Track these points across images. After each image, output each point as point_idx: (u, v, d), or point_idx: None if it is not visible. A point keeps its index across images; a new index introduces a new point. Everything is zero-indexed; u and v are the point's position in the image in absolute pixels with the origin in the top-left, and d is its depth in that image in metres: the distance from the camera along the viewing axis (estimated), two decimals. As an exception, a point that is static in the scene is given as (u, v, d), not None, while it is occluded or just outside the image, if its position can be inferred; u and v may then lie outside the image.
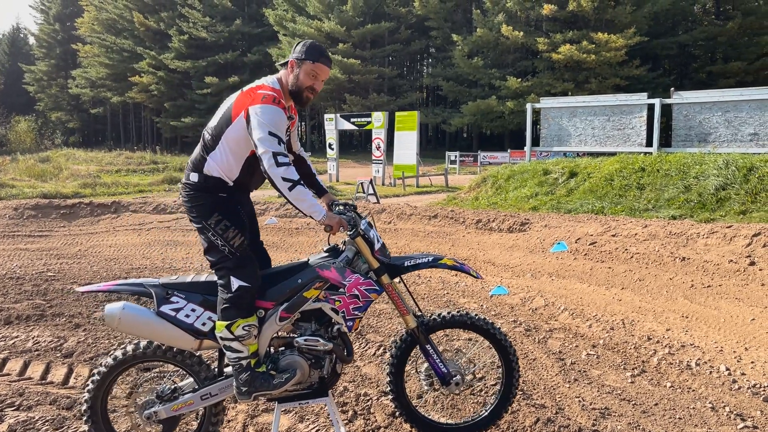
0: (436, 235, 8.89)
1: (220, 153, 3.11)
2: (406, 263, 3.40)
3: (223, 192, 3.15)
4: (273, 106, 3.02)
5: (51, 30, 71.64)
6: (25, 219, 11.01)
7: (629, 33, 37.08)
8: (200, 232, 3.18)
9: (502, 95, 41.26)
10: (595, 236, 7.52)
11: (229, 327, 3.06)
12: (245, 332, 3.08)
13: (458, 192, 16.75)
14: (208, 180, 3.13)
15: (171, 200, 12.31)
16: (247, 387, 3.13)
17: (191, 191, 3.17)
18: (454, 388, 3.47)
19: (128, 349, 3.23)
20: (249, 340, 3.12)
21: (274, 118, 2.98)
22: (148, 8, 58.14)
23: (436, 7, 45.18)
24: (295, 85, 3.21)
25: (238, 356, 3.12)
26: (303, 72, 3.20)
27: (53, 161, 36.42)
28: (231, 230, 3.11)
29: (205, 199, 3.14)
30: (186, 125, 55.88)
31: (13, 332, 5.69)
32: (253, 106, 3.02)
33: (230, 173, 3.14)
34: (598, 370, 4.52)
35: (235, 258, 3.10)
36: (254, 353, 3.16)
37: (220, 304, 3.09)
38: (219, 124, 3.15)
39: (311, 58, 3.20)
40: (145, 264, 8.41)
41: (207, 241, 3.15)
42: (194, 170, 3.17)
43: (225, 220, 3.11)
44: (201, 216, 3.13)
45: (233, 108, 3.12)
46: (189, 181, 3.17)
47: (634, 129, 15.12)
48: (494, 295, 6.39)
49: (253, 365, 3.15)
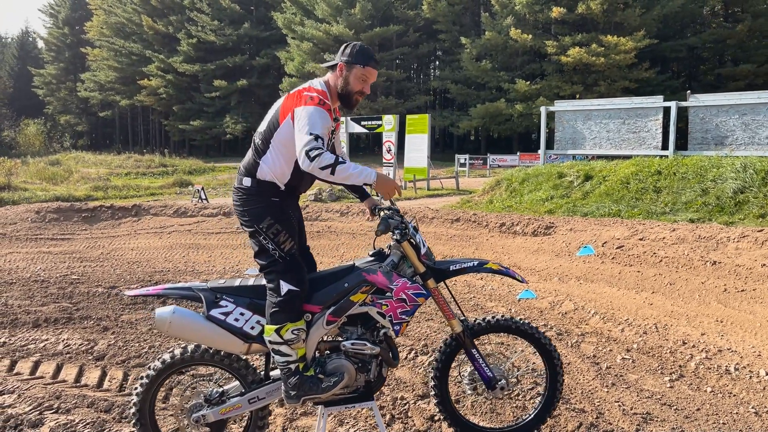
0: (459, 238, 8.88)
1: (271, 157, 3.13)
2: (452, 267, 3.39)
3: (276, 197, 3.16)
4: (317, 107, 3.02)
5: (60, 34, 72.00)
6: (47, 222, 11.05)
7: (638, 36, 37.00)
8: (251, 236, 3.19)
9: (511, 98, 41.21)
10: (622, 240, 7.49)
11: (279, 331, 3.06)
12: (294, 336, 3.08)
13: (471, 195, 16.73)
14: (261, 185, 3.14)
15: (191, 203, 12.39)
16: (296, 391, 3.13)
17: (244, 196, 3.18)
18: (499, 392, 3.46)
19: (176, 353, 3.22)
20: (298, 344, 3.12)
21: (316, 118, 2.97)
22: (156, 12, 58.38)
23: (445, 10, 45.20)
24: (344, 89, 3.21)
25: (287, 360, 3.11)
26: (353, 76, 3.20)
27: (63, 164, 36.61)
28: (282, 234, 3.12)
29: (257, 204, 3.14)
30: (194, 128, 56.03)
31: (42, 335, 5.70)
32: (298, 107, 3.02)
33: (282, 177, 3.15)
34: (635, 375, 4.50)
35: (284, 262, 3.11)
36: (302, 357, 3.16)
37: (270, 307, 3.09)
38: (268, 128, 3.16)
39: (361, 62, 3.19)
40: (168, 267, 8.42)
41: (258, 245, 3.16)
42: (247, 175, 3.18)
43: (277, 224, 3.12)
44: (253, 220, 3.14)
45: (280, 111, 3.13)
46: (242, 185, 3.18)
47: (649, 132, 15.07)
48: (522, 299, 6.37)
49: (301, 369, 3.15)
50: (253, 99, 56.49)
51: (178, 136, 60.93)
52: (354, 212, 11.16)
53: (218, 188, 25.80)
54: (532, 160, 29.85)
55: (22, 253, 9.35)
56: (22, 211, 11.61)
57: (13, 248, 9.73)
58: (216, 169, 39.14)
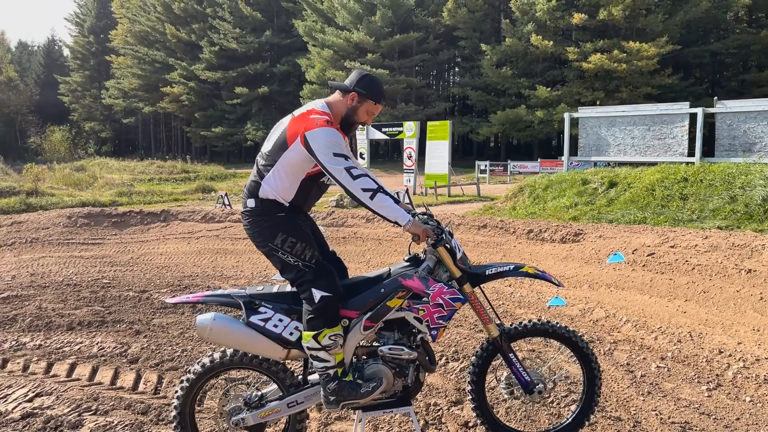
0: (486, 245, 8.86)
1: (274, 177, 3.15)
2: (488, 272, 3.39)
3: (281, 212, 3.18)
4: (329, 128, 3.06)
5: (85, 42, 73.23)
6: (78, 227, 11.24)
7: (661, 41, 36.67)
8: (269, 255, 3.22)
9: (531, 104, 41.05)
10: (652, 247, 7.42)
11: (316, 337, 3.08)
12: (332, 342, 3.10)
13: (494, 202, 16.67)
14: (264, 203, 3.17)
15: (218, 209, 12.51)
16: (335, 396, 3.15)
17: (250, 217, 3.22)
18: (536, 396, 3.45)
19: (216, 357, 3.26)
20: (335, 350, 3.14)
21: (333, 139, 3.03)
22: (180, 20, 59.14)
23: (465, 17, 45.20)
24: (351, 117, 3.25)
25: (325, 366, 3.14)
26: (363, 109, 3.24)
27: (88, 170, 37.17)
28: (298, 245, 3.14)
29: (265, 222, 3.17)
30: (216, 135, 56.58)
31: (76, 338, 5.79)
32: (310, 131, 3.04)
33: (285, 195, 3.17)
34: (671, 383, 4.45)
35: (311, 270, 3.13)
36: (340, 362, 3.18)
37: (306, 315, 3.12)
38: (273, 150, 3.18)
39: (374, 99, 3.24)
40: (197, 272, 8.51)
41: (279, 263, 3.19)
42: (250, 196, 3.22)
43: (290, 237, 3.14)
44: (265, 239, 3.17)
45: (287, 133, 3.15)
46: (247, 208, 3.23)
47: (675, 139, 14.91)
48: (552, 306, 6.34)
49: (340, 374, 3.17)
50: (273, 106, 56.94)
51: (199, 143, 61.57)
52: (379, 218, 11.17)
53: (240, 194, 25.98)
54: (553, 166, 29.69)
55: (54, 257, 9.52)
56: (54, 216, 11.82)
57: (46, 252, 9.91)
58: (237, 175, 39.48)
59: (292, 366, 4.60)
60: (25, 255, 9.81)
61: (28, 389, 4.53)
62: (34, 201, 19.85)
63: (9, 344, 5.56)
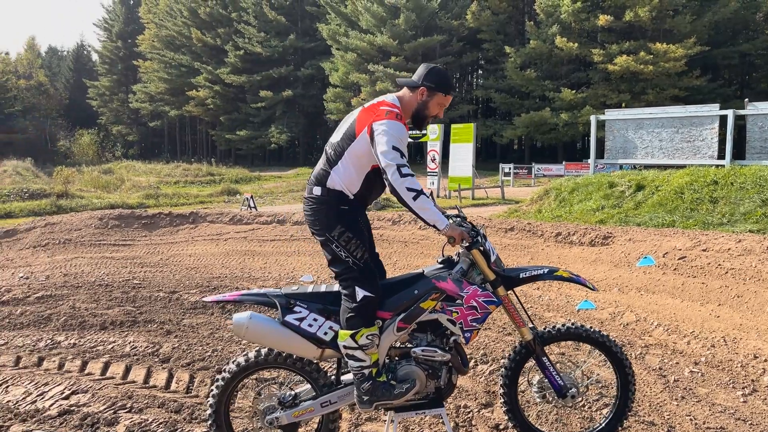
0: (514, 248, 8.82)
1: (342, 167, 3.18)
2: (522, 275, 3.38)
3: (344, 205, 3.21)
4: (396, 121, 3.09)
5: (113, 47, 74.46)
6: (109, 228, 11.46)
7: (689, 43, 36.16)
8: (323, 245, 3.25)
9: (556, 107, 40.75)
10: (684, 251, 7.33)
11: (354, 336, 3.11)
12: (368, 341, 3.12)
13: (519, 204, 16.58)
14: (331, 193, 3.20)
15: (244, 211, 12.63)
16: (369, 396, 3.17)
17: (314, 204, 3.24)
18: (569, 400, 3.44)
19: (251, 356, 3.30)
20: (371, 350, 3.16)
21: (397, 133, 3.05)
22: (205, 25, 59.85)
23: (489, 20, 45.05)
24: (422, 112, 3.27)
25: (360, 365, 3.15)
26: (434, 101, 3.25)
27: (115, 173, 37.78)
28: (353, 242, 3.17)
29: (327, 212, 3.20)
30: (240, 138, 57.10)
31: (109, 337, 5.89)
32: (378, 122, 3.08)
33: (351, 187, 3.20)
34: (705, 389, 4.39)
35: (358, 269, 3.16)
36: (375, 362, 3.20)
37: (345, 313, 3.15)
38: (342, 140, 3.22)
39: (444, 91, 3.25)
40: (225, 273, 8.61)
41: (331, 253, 3.21)
42: (317, 184, 3.24)
43: (348, 232, 3.16)
44: (324, 228, 3.19)
45: (356, 124, 3.19)
46: (312, 195, 3.25)
47: (705, 141, 14.70)
48: (581, 310, 6.29)
49: (374, 375, 3.18)
50: (297, 109, 57.31)
51: (224, 146, 62.18)
52: (406, 220, 11.19)
53: (265, 197, 26.21)
54: (578, 169, 29.43)
55: (86, 258, 9.70)
56: (86, 217, 12.05)
57: (78, 253, 10.10)
58: (261, 178, 39.79)
59: (326, 366, 4.63)
60: (58, 256, 10.01)
61: (64, 387, 4.62)
62: (64, 203, 20.23)
63: (44, 343, 5.68)
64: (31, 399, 4.41)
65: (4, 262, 9.71)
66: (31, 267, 9.31)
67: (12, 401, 4.35)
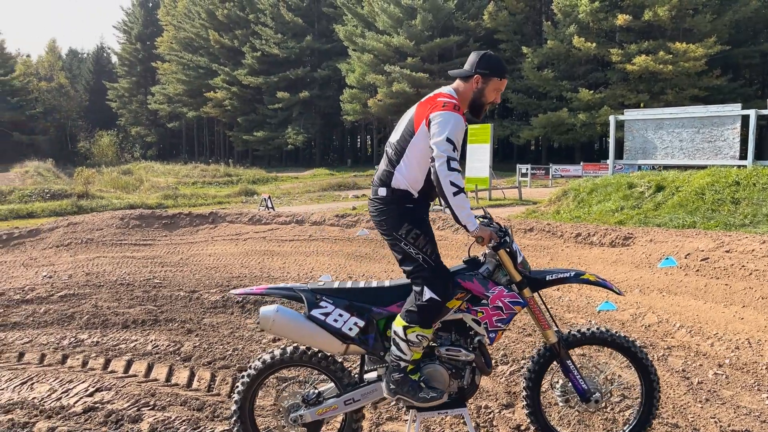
0: (533, 248, 8.78)
1: (405, 165, 3.19)
2: (548, 277, 3.37)
3: (410, 203, 3.22)
4: (454, 113, 3.08)
5: (132, 49, 75.29)
6: (130, 228, 11.59)
7: (709, 42, 35.72)
8: (392, 245, 3.25)
9: (573, 107, 40.46)
10: (706, 252, 7.24)
11: (405, 329, 3.11)
12: (417, 340, 3.13)
13: (537, 205, 16.48)
14: (396, 193, 3.21)
15: (263, 211, 12.71)
16: (396, 387, 3.17)
17: (380, 205, 3.25)
18: (593, 405, 3.41)
19: (276, 354, 3.32)
20: (416, 349, 3.15)
21: (453, 124, 3.04)
22: (223, 26, 60.29)
23: (506, 20, 44.87)
24: (479, 100, 3.26)
25: (400, 357, 3.16)
26: (490, 88, 3.24)
27: (134, 174, 38.19)
28: (422, 238, 3.16)
29: (393, 212, 3.20)
30: (257, 139, 57.43)
31: (131, 336, 5.95)
32: (434, 112, 3.08)
33: (416, 184, 3.20)
34: (729, 391, 4.34)
35: (430, 268, 3.14)
36: (415, 361, 3.20)
37: (409, 304, 3.15)
38: (402, 137, 3.23)
39: (498, 75, 3.24)
40: (244, 273, 8.67)
41: (400, 252, 3.21)
42: (382, 185, 3.25)
43: (415, 229, 3.17)
44: (391, 227, 3.20)
45: (414, 119, 3.20)
46: (377, 196, 3.26)
47: (726, 141, 14.52)
48: (602, 311, 6.24)
49: (408, 370, 3.18)
50: (314, 110, 57.50)
51: (241, 147, 62.57)
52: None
53: (282, 197, 26.35)
54: (596, 170, 29.17)
55: (108, 257, 9.82)
56: (108, 217, 12.20)
57: (100, 253, 10.23)
58: (278, 178, 39.98)
59: (349, 365, 4.64)
60: (80, 255, 10.14)
61: (88, 384, 4.68)
62: (85, 203, 20.50)
63: (68, 341, 5.75)
64: (56, 396, 4.47)
65: (27, 262, 9.86)
66: (54, 266, 9.44)
67: (37, 398, 4.42)
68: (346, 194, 27.08)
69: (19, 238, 11.27)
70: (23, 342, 5.76)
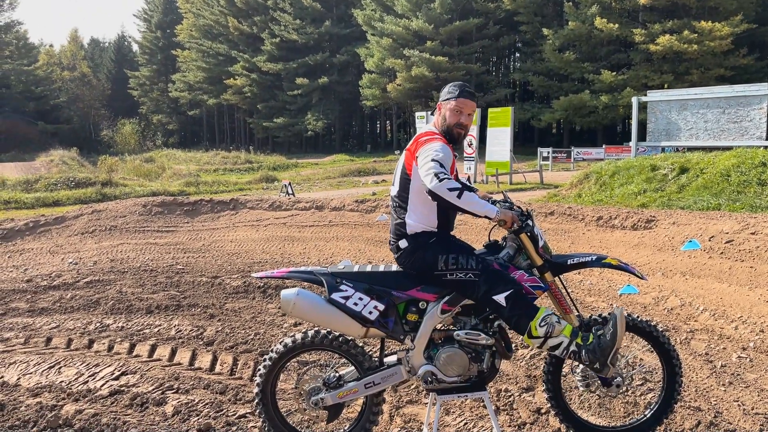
0: (554, 232, 8.72)
1: (413, 211, 3.26)
2: (569, 261, 3.34)
3: (432, 238, 3.26)
4: (434, 142, 3.17)
5: (153, 37, 75.69)
6: (152, 215, 11.75)
7: (735, 20, 34.86)
8: (442, 285, 3.24)
9: (595, 89, 39.84)
10: (731, 234, 7.13)
11: (530, 333, 3.11)
12: (546, 325, 3.10)
13: (558, 189, 16.34)
14: (417, 238, 3.25)
15: (283, 198, 12.77)
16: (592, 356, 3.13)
17: (408, 257, 3.29)
18: (614, 389, 3.39)
19: (298, 338, 3.35)
20: (557, 328, 3.11)
21: (436, 149, 3.11)
22: (242, 13, 60.31)
23: (526, 2, 44.22)
24: (444, 125, 3.35)
25: (565, 347, 3.14)
26: (448, 111, 3.33)
27: (156, 161, 38.58)
28: (460, 258, 3.17)
29: (421, 255, 3.23)
30: (277, 125, 57.57)
31: (155, 321, 6.05)
32: (419, 149, 3.19)
33: (430, 222, 3.26)
34: (753, 374, 4.29)
35: (481, 278, 3.12)
36: (573, 331, 3.16)
37: (508, 322, 3.17)
38: (401, 186, 3.32)
39: (451, 96, 3.33)
40: (266, 258, 8.74)
41: (453, 285, 3.20)
42: (400, 238, 3.30)
43: (449, 255, 3.19)
44: (428, 268, 3.22)
45: (405, 165, 3.31)
46: (401, 249, 3.30)
47: (752, 122, 14.22)
48: (623, 294, 6.19)
49: (580, 341, 3.15)
50: (333, 96, 57.42)
51: (261, 133, 62.81)
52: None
53: (302, 183, 26.46)
54: (618, 152, 28.78)
55: (131, 244, 9.97)
56: (131, 204, 12.38)
57: (123, 239, 10.39)
58: (299, 165, 40.11)
59: (369, 349, 4.67)
60: (105, 242, 10.31)
61: (114, 368, 4.77)
62: (108, 191, 20.79)
63: (94, 326, 5.87)
64: (83, 379, 4.57)
65: (54, 248, 10.05)
66: (80, 253, 9.61)
67: (65, 381, 4.52)
68: (366, 180, 27.09)
69: (46, 225, 11.48)
70: (51, 327, 5.89)
